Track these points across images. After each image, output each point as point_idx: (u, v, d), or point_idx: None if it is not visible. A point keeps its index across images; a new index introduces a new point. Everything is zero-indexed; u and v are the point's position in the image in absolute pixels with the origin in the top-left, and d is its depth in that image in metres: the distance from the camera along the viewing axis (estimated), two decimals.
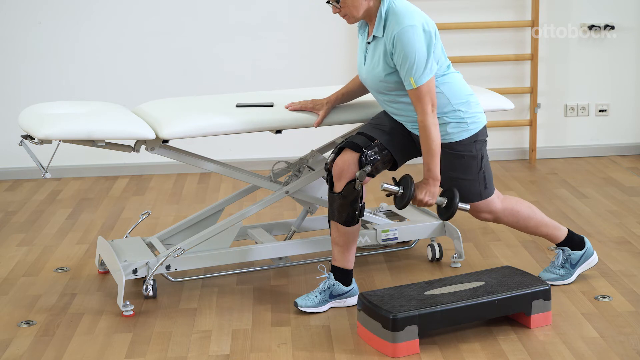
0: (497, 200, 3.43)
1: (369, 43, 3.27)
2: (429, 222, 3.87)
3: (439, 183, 3.24)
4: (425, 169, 3.23)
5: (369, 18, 3.26)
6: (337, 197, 3.29)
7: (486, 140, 3.38)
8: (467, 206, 3.35)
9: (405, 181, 3.24)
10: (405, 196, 3.22)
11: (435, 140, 3.18)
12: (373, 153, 3.28)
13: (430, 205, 3.27)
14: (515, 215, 3.47)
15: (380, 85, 3.27)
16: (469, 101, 3.30)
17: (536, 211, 3.51)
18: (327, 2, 3.26)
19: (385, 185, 3.22)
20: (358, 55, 3.38)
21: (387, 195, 3.30)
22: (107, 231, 4.43)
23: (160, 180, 5.41)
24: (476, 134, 3.32)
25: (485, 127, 3.36)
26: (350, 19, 3.25)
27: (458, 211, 3.33)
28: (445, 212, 3.32)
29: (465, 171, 3.34)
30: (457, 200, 3.28)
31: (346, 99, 3.53)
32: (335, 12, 3.27)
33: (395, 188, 3.24)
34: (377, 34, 3.21)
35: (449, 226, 3.84)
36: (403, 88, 3.23)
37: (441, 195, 3.31)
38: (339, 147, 3.32)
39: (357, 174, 3.24)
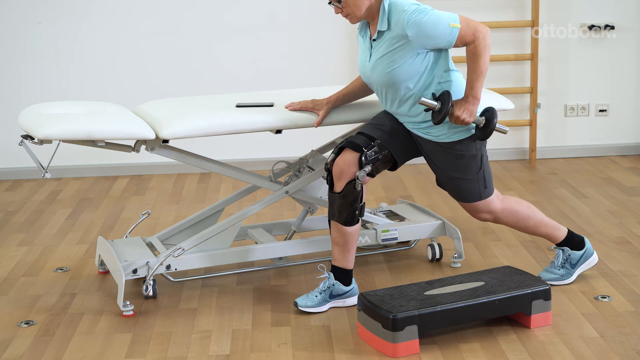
0: (497, 200, 3.43)
1: (374, 40, 3.27)
2: (429, 222, 3.87)
3: (478, 102, 3.22)
4: (467, 87, 3.22)
5: (370, 17, 3.26)
6: (337, 197, 3.29)
7: (486, 141, 3.38)
8: (506, 128, 3.35)
9: (443, 97, 3.21)
10: (442, 111, 3.19)
11: (485, 61, 3.18)
12: (373, 153, 3.28)
13: (467, 123, 3.23)
14: (515, 216, 3.47)
15: (387, 78, 3.25)
16: None
17: (536, 211, 3.51)
18: (329, 3, 3.26)
19: (424, 99, 3.19)
20: (360, 57, 3.38)
21: (426, 111, 3.25)
22: (107, 231, 4.43)
23: (160, 180, 5.41)
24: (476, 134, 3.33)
25: None
26: (353, 19, 3.26)
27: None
28: (483, 132, 3.28)
29: (465, 171, 3.34)
30: (496, 120, 3.26)
31: (347, 99, 3.53)
32: (337, 13, 3.27)
33: (434, 103, 3.20)
34: (381, 28, 3.22)
35: (449, 226, 3.84)
36: (410, 78, 3.22)
37: (480, 115, 3.28)
38: (339, 147, 3.32)
39: (358, 174, 3.24)
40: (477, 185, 3.36)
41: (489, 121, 3.27)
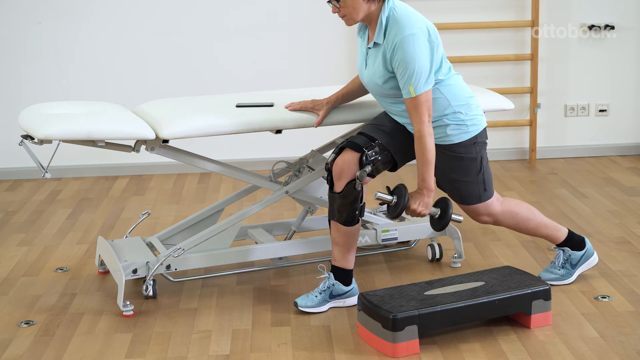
0: (497, 202, 3.43)
1: (369, 48, 3.27)
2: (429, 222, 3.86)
3: (432, 194, 3.24)
4: (419, 179, 3.22)
5: (368, 21, 3.26)
6: (338, 197, 3.29)
7: (486, 143, 3.38)
8: (461, 218, 3.36)
9: (399, 191, 3.23)
10: (398, 205, 3.21)
11: (430, 150, 3.18)
12: (374, 153, 3.28)
13: (423, 215, 3.26)
14: (515, 217, 3.47)
15: (381, 90, 3.27)
16: (468, 103, 3.30)
17: (535, 212, 3.51)
18: (328, 1, 3.25)
19: (379, 194, 3.21)
20: (358, 58, 3.38)
21: (381, 204, 3.30)
22: (107, 231, 4.43)
23: (160, 180, 5.41)
24: (476, 136, 3.32)
25: (485, 129, 3.36)
26: (349, 21, 3.25)
27: (459, 211, 3.34)
28: (439, 223, 3.32)
29: (464, 173, 3.34)
30: (451, 211, 3.28)
31: (346, 99, 3.53)
32: (334, 12, 3.26)
33: (389, 197, 3.23)
34: (377, 40, 3.21)
35: (449, 226, 3.83)
36: (401, 93, 3.22)
37: (435, 205, 3.31)
38: (340, 147, 3.32)
39: (358, 174, 3.24)
40: (476, 188, 3.36)
41: (444, 211, 3.29)
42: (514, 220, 3.47)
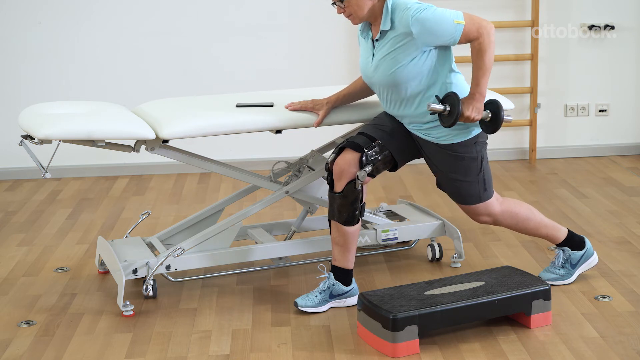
0: (496, 203, 3.43)
1: (377, 40, 3.27)
2: (429, 222, 3.87)
3: (484, 99, 3.22)
4: (473, 83, 3.21)
5: (373, 18, 3.26)
6: (338, 196, 3.29)
7: (486, 143, 3.38)
8: (511, 117, 3.33)
9: (451, 99, 3.19)
10: (453, 113, 3.17)
11: (490, 57, 3.18)
12: (374, 153, 3.28)
13: (476, 120, 3.23)
14: (515, 218, 3.47)
15: (390, 79, 3.24)
16: None
17: (535, 212, 3.51)
18: (333, 3, 3.26)
19: (432, 105, 3.18)
20: (361, 58, 3.38)
21: (432, 114, 3.24)
22: (107, 231, 4.43)
23: (160, 180, 5.41)
24: (476, 136, 3.33)
25: None
26: (355, 19, 3.25)
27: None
28: (491, 126, 3.28)
29: (465, 173, 3.34)
30: (503, 112, 3.25)
31: (347, 100, 3.53)
32: (339, 13, 3.27)
33: (442, 107, 3.19)
34: (385, 27, 3.21)
35: (449, 226, 3.84)
36: (413, 78, 3.21)
37: (484, 109, 3.27)
38: (340, 147, 3.32)
39: (358, 173, 3.24)
40: (476, 188, 3.36)
41: (495, 114, 3.27)
42: (514, 221, 3.47)
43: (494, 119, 3.27)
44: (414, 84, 3.23)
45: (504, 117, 3.29)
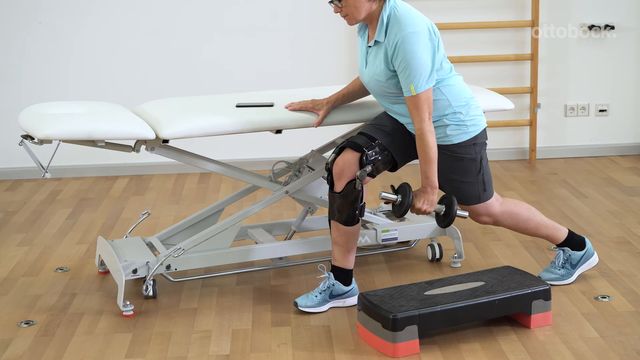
0: (496, 203, 3.43)
1: (370, 47, 3.27)
2: (429, 222, 3.86)
3: (437, 191, 3.24)
4: (423, 176, 3.22)
5: (369, 20, 3.26)
6: (338, 196, 3.29)
7: (486, 143, 3.38)
8: (466, 213, 3.35)
9: (403, 189, 3.23)
10: (403, 204, 3.22)
11: (432, 147, 3.18)
12: (374, 153, 3.28)
13: (428, 213, 3.26)
14: (515, 218, 3.47)
15: (382, 89, 3.27)
16: (469, 104, 3.30)
17: (535, 213, 3.51)
18: (330, 2, 3.26)
19: (384, 194, 3.22)
20: (358, 58, 3.38)
21: (386, 204, 3.29)
22: (107, 231, 4.43)
23: (160, 180, 5.41)
24: (476, 137, 3.32)
25: (485, 130, 3.36)
26: (351, 20, 3.25)
27: (460, 205, 3.34)
28: (444, 220, 3.31)
29: (464, 174, 3.34)
30: (456, 207, 3.27)
31: (347, 99, 3.53)
32: (336, 12, 3.26)
33: (394, 196, 3.24)
34: (378, 38, 3.20)
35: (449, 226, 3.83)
36: (402, 91, 3.22)
37: (439, 202, 3.31)
38: (340, 147, 3.32)
39: (358, 173, 3.24)
40: (476, 188, 3.36)
41: (449, 208, 3.28)
42: (514, 221, 3.47)
43: (447, 213, 3.28)
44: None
45: (458, 213, 3.30)
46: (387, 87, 3.24)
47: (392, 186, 3.28)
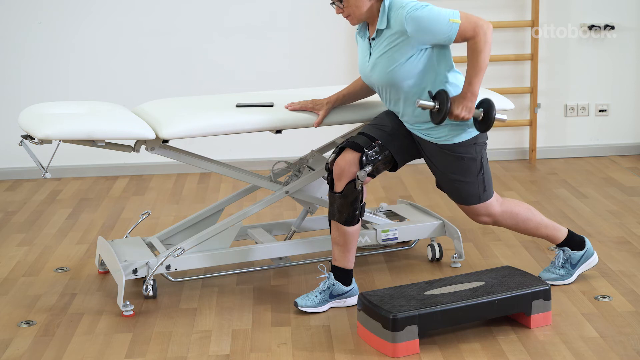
0: (496, 203, 3.43)
1: (373, 39, 3.27)
2: (429, 222, 3.87)
3: (476, 99, 3.20)
4: (466, 82, 3.19)
5: (371, 18, 3.26)
6: (338, 196, 3.29)
7: (486, 143, 3.37)
8: (505, 117, 3.31)
9: (441, 96, 3.18)
10: (442, 111, 3.16)
11: (485, 57, 3.16)
12: (374, 153, 3.28)
13: (466, 119, 3.21)
14: (515, 218, 3.47)
15: (387, 77, 3.24)
16: None
17: (535, 213, 3.51)
18: (332, 3, 3.26)
19: (421, 101, 3.17)
20: (359, 58, 3.38)
21: (423, 109, 3.23)
22: (107, 231, 4.43)
23: (160, 180, 5.41)
24: (476, 137, 3.32)
25: None
26: (354, 20, 3.25)
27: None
28: (483, 124, 3.26)
29: (464, 173, 3.34)
30: (494, 111, 3.22)
31: (347, 100, 3.53)
32: (338, 13, 3.27)
33: (431, 103, 3.18)
34: (380, 26, 3.21)
35: (449, 226, 3.84)
36: (411, 76, 3.21)
37: (477, 107, 3.25)
38: (340, 147, 3.32)
39: (358, 173, 3.24)
40: (476, 188, 3.36)
41: (487, 112, 3.24)
42: (514, 221, 3.47)
43: (485, 118, 3.25)
44: (412, 82, 3.22)
45: (497, 116, 3.26)
46: (393, 76, 3.21)
47: (430, 92, 3.21)
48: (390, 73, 3.23)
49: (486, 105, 3.25)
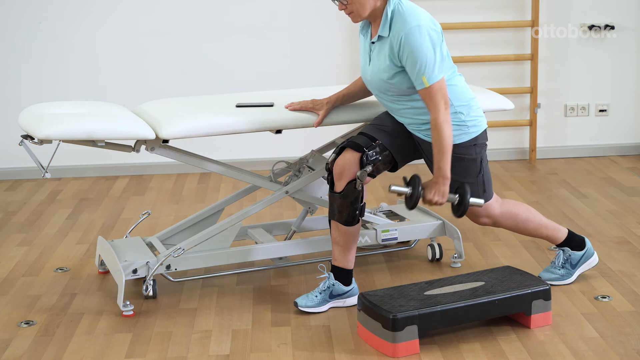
0: (496, 204, 3.43)
1: (373, 43, 3.26)
2: (429, 222, 3.87)
3: (448, 182, 3.20)
4: (435, 167, 3.20)
5: (373, 18, 3.25)
6: (338, 196, 3.29)
7: (486, 144, 3.37)
8: (481, 201, 3.31)
9: (413, 181, 3.21)
10: (413, 196, 3.20)
11: (447, 138, 3.15)
12: (374, 153, 3.28)
13: (440, 204, 3.23)
14: (514, 219, 3.47)
15: (385, 86, 3.26)
16: (470, 104, 3.30)
17: (535, 213, 3.51)
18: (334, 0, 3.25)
19: (394, 187, 3.19)
20: (361, 57, 3.37)
21: (398, 195, 3.26)
22: (107, 231, 4.43)
23: (160, 180, 5.41)
24: (476, 137, 3.32)
25: (485, 131, 3.36)
26: (356, 17, 3.24)
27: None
28: (458, 209, 3.28)
29: (464, 174, 3.33)
30: (469, 197, 3.23)
31: (347, 100, 3.52)
32: (341, 9, 3.25)
33: (405, 189, 3.20)
34: (382, 33, 3.20)
35: (449, 226, 3.84)
36: (407, 89, 3.22)
37: (453, 192, 3.27)
38: (341, 147, 3.32)
39: (358, 173, 3.24)
40: (476, 189, 3.36)
41: (462, 197, 3.25)
42: (514, 222, 3.47)
43: (461, 202, 3.25)
44: (411, 90, 3.22)
45: (471, 201, 3.27)
46: (390, 84, 3.23)
47: (405, 178, 3.24)
48: (387, 82, 3.23)
49: (461, 191, 3.26)
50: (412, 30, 3.11)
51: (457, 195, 3.25)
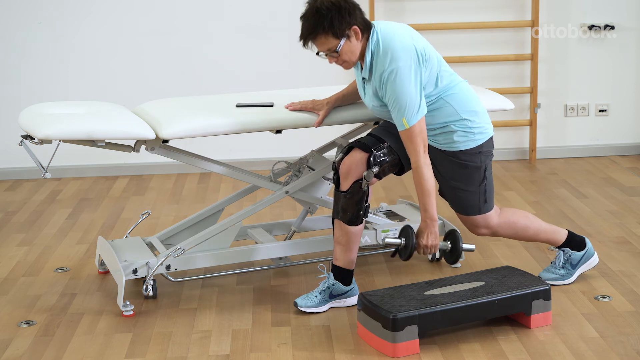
0: (495, 215, 3.43)
1: (364, 79, 3.29)
2: None
3: (437, 223, 3.25)
4: (421, 209, 3.24)
5: (361, 57, 3.27)
6: (343, 195, 3.29)
7: (492, 154, 3.38)
8: (472, 246, 3.38)
9: (406, 232, 3.28)
10: (408, 246, 3.26)
11: (429, 180, 3.19)
12: (382, 155, 3.29)
13: (434, 250, 3.27)
14: (513, 228, 3.47)
15: (383, 114, 3.31)
16: (476, 111, 3.30)
17: (533, 219, 3.51)
18: (317, 54, 3.24)
19: (388, 239, 3.27)
20: (357, 85, 3.40)
21: (392, 249, 3.34)
22: (107, 231, 4.43)
23: (160, 180, 5.41)
24: (482, 145, 3.32)
25: (491, 139, 3.36)
26: (349, 65, 3.26)
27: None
28: (451, 256, 3.35)
29: (467, 182, 3.34)
30: (461, 242, 3.31)
31: (347, 100, 3.53)
32: (331, 62, 3.26)
33: (397, 241, 3.28)
34: (365, 75, 3.25)
35: (449, 226, 3.83)
36: None
37: (444, 239, 3.35)
38: (348, 147, 3.33)
39: (365, 173, 3.24)
40: (477, 198, 3.36)
41: (454, 243, 3.32)
42: (512, 231, 3.48)
43: (453, 249, 3.33)
44: None
45: (464, 247, 3.33)
46: (387, 112, 3.26)
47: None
48: (385, 112, 3.27)
49: (452, 237, 3.32)
50: (390, 75, 3.13)
51: (449, 242, 3.32)
